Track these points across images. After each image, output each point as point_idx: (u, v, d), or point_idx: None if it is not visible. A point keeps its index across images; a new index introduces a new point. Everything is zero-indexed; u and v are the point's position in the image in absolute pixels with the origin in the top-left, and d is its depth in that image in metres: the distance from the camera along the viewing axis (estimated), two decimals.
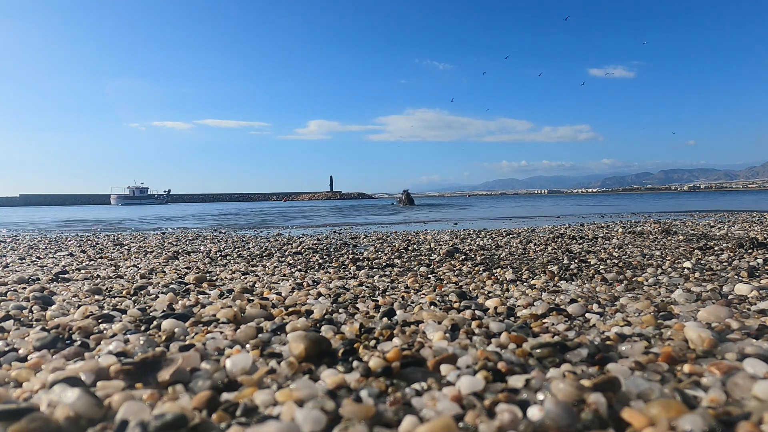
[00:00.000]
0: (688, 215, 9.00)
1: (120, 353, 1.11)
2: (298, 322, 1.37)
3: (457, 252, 3.38)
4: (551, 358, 1.04)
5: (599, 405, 0.79)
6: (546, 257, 3.04)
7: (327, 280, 2.38)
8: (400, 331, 1.29)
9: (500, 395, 0.85)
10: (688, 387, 0.89)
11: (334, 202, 47.61)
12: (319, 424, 0.76)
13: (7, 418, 0.77)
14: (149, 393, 0.87)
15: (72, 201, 78.28)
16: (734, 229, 4.95)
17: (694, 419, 0.73)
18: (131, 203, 58.76)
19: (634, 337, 1.21)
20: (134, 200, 63.33)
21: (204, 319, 1.47)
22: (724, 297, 1.70)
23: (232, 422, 0.79)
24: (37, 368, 1.04)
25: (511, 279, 2.26)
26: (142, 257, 3.64)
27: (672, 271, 2.34)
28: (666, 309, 1.52)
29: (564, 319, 1.43)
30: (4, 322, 1.47)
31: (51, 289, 2.13)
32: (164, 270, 2.85)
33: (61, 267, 3.02)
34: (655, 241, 3.80)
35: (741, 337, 1.17)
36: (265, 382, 0.95)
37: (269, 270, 2.80)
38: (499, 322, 1.34)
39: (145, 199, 64.64)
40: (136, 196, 65.08)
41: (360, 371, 0.98)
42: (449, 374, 0.96)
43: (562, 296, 1.80)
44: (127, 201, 62.56)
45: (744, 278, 2.10)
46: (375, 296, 1.91)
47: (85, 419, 0.79)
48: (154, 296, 1.97)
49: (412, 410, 0.81)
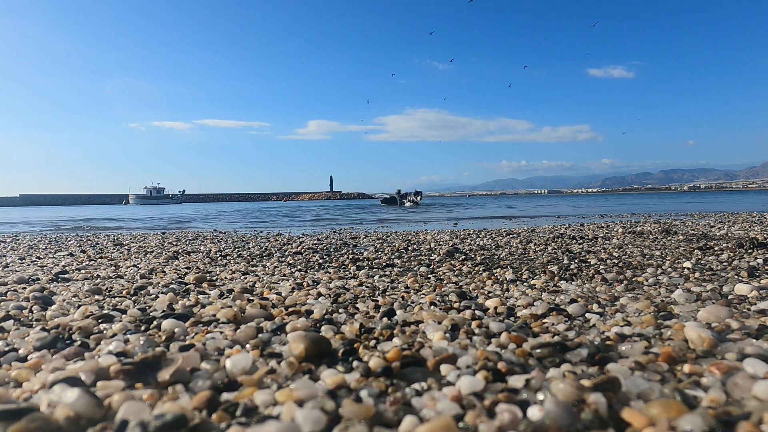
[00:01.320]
0: (688, 215, 9.00)
1: (120, 353, 1.11)
2: (298, 322, 1.37)
3: (457, 252, 3.38)
4: (551, 358, 1.04)
5: (599, 405, 0.79)
6: (546, 257, 3.04)
7: (327, 280, 2.38)
8: (400, 331, 1.29)
9: (500, 395, 0.85)
10: (688, 387, 0.89)
11: (334, 202, 47.63)
12: (319, 424, 0.76)
13: (7, 418, 0.77)
14: (149, 393, 0.87)
15: (72, 201, 78.75)
16: (734, 229, 4.95)
17: (694, 419, 0.73)
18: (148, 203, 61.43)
19: (634, 337, 1.21)
20: (151, 200, 65.94)
21: (204, 319, 1.47)
22: (724, 297, 1.70)
23: (232, 422, 0.79)
24: (37, 368, 1.04)
25: (511, 279, 2.26)
26: (142, 257, 3.64)
27: (672, 271, 2.34)
28: (666, 309, 1.52)
29: (564, 319, 1.43)
30: (4, 322, 1.47)
31: (51, 289, 2.13)
32: (164, 270, 2.85)
33: (61, 267, 3.02)
34: (655, 241, 3.80)
35: (741, 337, 1.17)
36: (265, 382, 0.95)
37: (269, 270, 2.80)
38: (499, 322, 1.34)
39: (162, 199, 67.31)
40: (153, 196, 67.75)
41: (360, 371, 0.98)
42: (449, 374, 0.96)
43: (562, 296, 1.80)
44: (144, 201, 65.14)
45: (744, 278, 2.10)
46: (375, 296, 1.91)
47: (85, 419, 0.79)
48: (154, 296, 1.97)
49: (412, 410, 0.81)
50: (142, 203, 60.04)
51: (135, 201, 64.74)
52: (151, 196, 67.67)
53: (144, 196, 67.38)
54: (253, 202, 64.62)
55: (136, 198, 66.53)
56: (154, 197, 67.50)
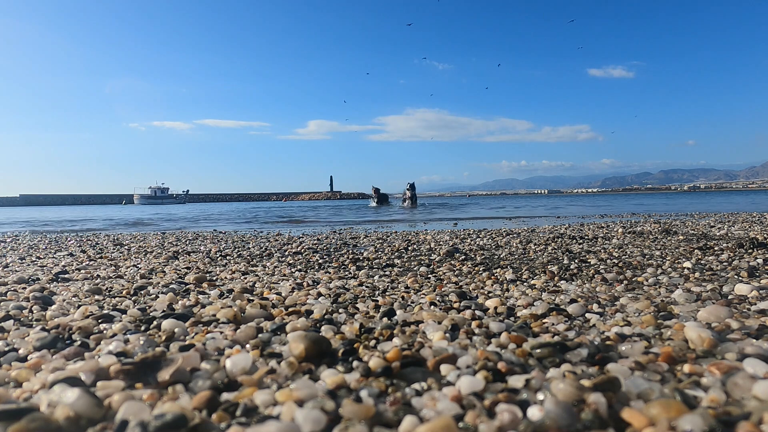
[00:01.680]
0: (688, 215, 9.00)
1: (120, 353, 1.11)
2: (298, 322, 1.37)
3: (457, 252, 3.38)
4: (551, 358, 1.04)
5: (599, 405, 0.79)
6: (546, 257, 3.04)
7: (327, 280, 2.38)
8: (400, 331, 1.29)
9: (500, 395, 0.85)
10: (688, 387, 0.89)
11: (334, 202, 47.69)
12: (319, 424, 0.76)
13: (7, 418, 0.77)
14: (149, 393, 0.87)
15: (72, 201, 79.00)
16: (734, 229, 4.95)
17: (694, 419, 0.73)
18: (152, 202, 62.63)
19: (634, 337, 1.21)
20: (156, 200, 67.58)
21: (204, 319, 1.47)
22: (724, 297, 1.70)
23: (232, 422, 0.79)
24: (37, 368, 1.04)
25: (511, 279, 2.26)
26: (142, 257, 3.64)
27: (672, 271, 2.34)
28: (666, 309, 1.52)
29: (564, 319, 1.43)
30: (4, 322, 1.47)
31: (51, 289, 2.13)
32: (164, 270, 2.85)
33: (61, 267, 3.02)
34: (655, 241, 3.80)
35: (741, 337, 1.17)
36: (265, 382, 0.95)
37: (269, 270, 2.80)
38: (499, 322, 1.34)
39: (166, 199, 69.33)
40: (157, 196, 69.46)
41: (360, 371, 0.98)
42: (449, 374, 0.96)
43: (562, 296, 1.80)
44: (149, 200, 66.66)
45: (744, 278, 2.10)
46: (375, 296, 1.91)
47: (85, 419, 0.79)
48: (154, 296, 1.97)
49: (412, 410, 0.81)
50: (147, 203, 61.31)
51: (140, 201, 66.37)
52: (156, 196, 69.17)
53: (149, 196, 68.85)
54: (254, 202, 65.06)
55: (141, 198, 68.00)
56: (158, 197, 69.08)
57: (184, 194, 75.27)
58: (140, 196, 68.50)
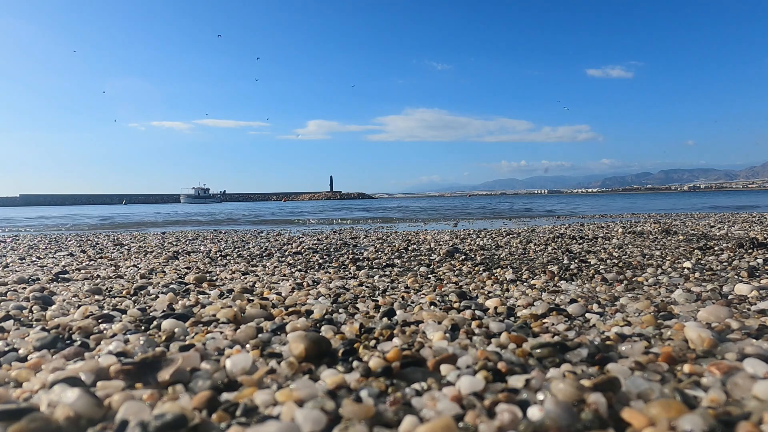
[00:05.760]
0: (688, 215, 8.99)
1: (120, 353, 1.11)
2: (298, 322, 1.37)
3: (457, 252, 3.38)
4: (551, 358, 1.04)
5: (599, 405, 0.79)
6: (546, 257, 3.04)
7: (327, 280, 2.38)
8: (400, 331, 1.29)
9: (500, 395, 0.85)
10: (688, 387, 0.89)
11: (334, 202, 47.71)
12: (319, 424, 0.76)
13: (7, 418, 0.77)
14: (149, 393, 0.87)
15: (72, 201, 79.39)
16: (734, 229, 4.95)
17: (694, 419, 0.73)
18: (197, 201, 71.37)
19: (634, 337, 1.21)
20: (199, 199, 77.16)
21: (204, 319, 1.47)
22: (724, 297, 1.70)
23: (232, 422, 0.79)
24: (37, 368, 1.04)
25: (511, 279, 2.26)
26: (142, 257, 3.64)
27: (672, 271, 2.34)
28: (666, 309, 1.52)
29: (564, 319, 1.43)
30: (4, 322, 1.47)
31: (51, 289, 2.13)
32: (164, 270, 2.85)
33: (61, 267, 3.02)
34: (655, 241, 3.80)
35: (741, 337, 1.17)
36: (265, 382, 0.95)
37: (269, 270, 2.80)
38: (499, 322, 1.34)
39: (207, 198, 78.78)
40: (200, 196, 79.51)
41: (360, 371, 0.98)
42: (449, 374, 0.96)
43: (562, 296, 1.80)
44: (193, 200, 75.43)
45: (744, 278, 2.10)
46: (375, 296, 1.91)
47: (85, 419, 0.79)
48: (154, 296, 1.97)
49: (412, 410, 0.81)
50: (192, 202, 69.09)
51: (185, 200, 74.53)
52: (199, 196, 78.89)
53: (193, 196, 78.30)
54: (254, 202, 65.70)
55: (186, 197, 76.99)
56: (201, 197, 78.88)
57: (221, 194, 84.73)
58: (186, 196, 77.27)
